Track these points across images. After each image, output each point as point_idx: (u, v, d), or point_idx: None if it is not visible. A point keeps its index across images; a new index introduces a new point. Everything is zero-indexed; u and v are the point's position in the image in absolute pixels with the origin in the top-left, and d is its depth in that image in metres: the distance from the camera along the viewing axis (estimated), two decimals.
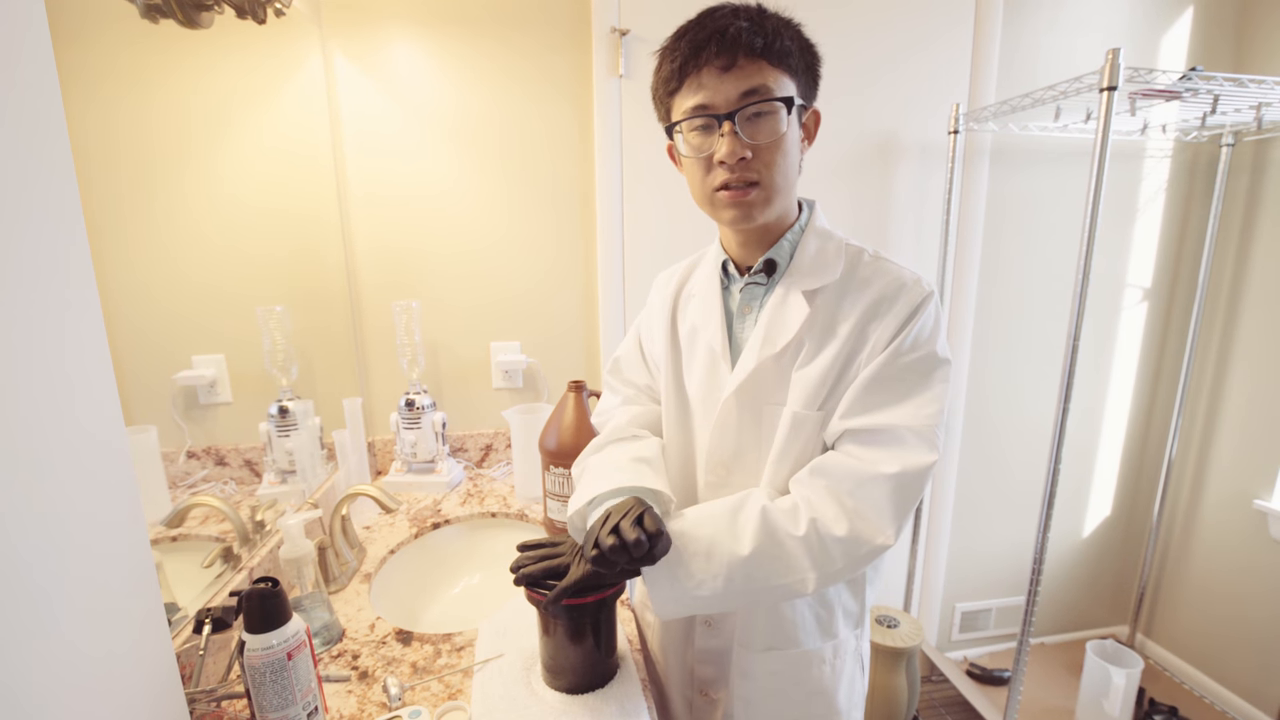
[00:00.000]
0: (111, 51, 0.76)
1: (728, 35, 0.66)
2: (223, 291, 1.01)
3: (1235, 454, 1.90)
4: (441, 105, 1.45)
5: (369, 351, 1.54)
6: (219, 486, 0.95)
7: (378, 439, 1.55)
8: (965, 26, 1.64)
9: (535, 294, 1.58)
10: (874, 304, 0.72)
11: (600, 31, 1.45)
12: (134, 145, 0.80)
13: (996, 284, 1.83)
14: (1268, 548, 1.81)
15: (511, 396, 1.62)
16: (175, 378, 0.87)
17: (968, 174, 1.73)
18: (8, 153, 0.43)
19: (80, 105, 0.70)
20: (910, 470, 0.68)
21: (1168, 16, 1.74)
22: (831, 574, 0.68)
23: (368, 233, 1.48)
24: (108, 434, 0.52)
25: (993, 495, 2.00)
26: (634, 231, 1.58)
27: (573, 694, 0.75)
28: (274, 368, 1.12)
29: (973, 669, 2.05)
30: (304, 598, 0.86)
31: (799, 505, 0.70)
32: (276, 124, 1.18)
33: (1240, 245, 1.85)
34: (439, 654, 0.86)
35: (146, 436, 0.80)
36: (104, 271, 0.73)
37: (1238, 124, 1.70)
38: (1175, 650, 2.08)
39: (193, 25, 0.87)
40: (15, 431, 0.43)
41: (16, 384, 0.43)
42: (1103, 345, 1.96)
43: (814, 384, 0.73)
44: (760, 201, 0.72)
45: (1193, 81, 1.31)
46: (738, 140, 0.68)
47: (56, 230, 0.48)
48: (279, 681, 0.63)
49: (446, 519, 1.28)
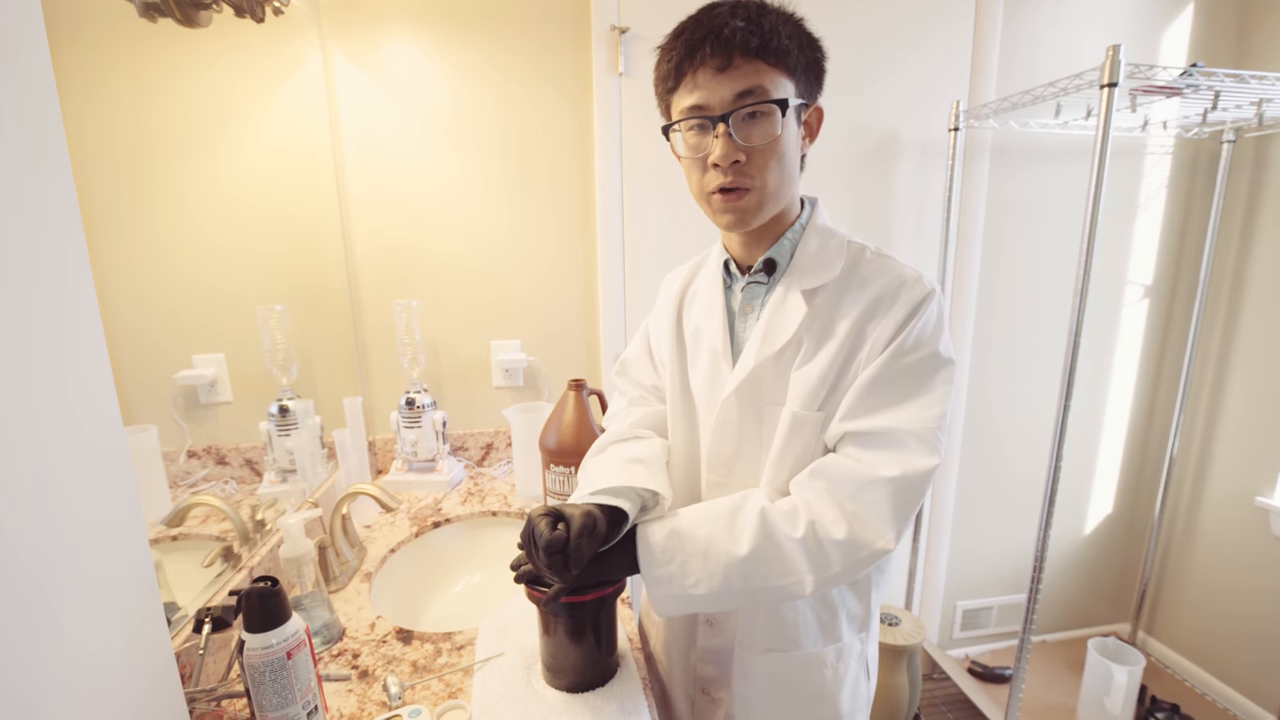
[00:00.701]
0: (110, 51, 0.76)
1: (723, 35, 0.65)
2: (222, 291, 1.01)
3: (1237, 451, 1.90)
4: (441, 104, 1.44)
5: (369, 350, 1.54)
6: (220, 486, 0.95)
7: (378, 438, 1.55)
8: (965, 23, 1.64)
9: (536, 292, 1.58)
10: (873, 302, 0.71)
11: (600, 29, 1.45)
12: (133, 145, 0.80)
13: (997, 281, 1.82)
14: (1269, 544, 1.80)
15: (512, 395, 1.62)
16: (176, 377, 0.87)
17: (968, 171, 1.72)
18: (4, 152, 0.43)
19: (79, 104, 0.70)
20: (911, 474, 0.67)
21: (1168, 13, 1.73)
22: (829, 577, 0.68)
23: (367, 232, 1.48)
24: (106, 433, 0.52)
25: (994, 493, 2.00)
26: (634, 230, 1.58)
27: (573, 693, 0.75)
28: (274, 367, 1.12)
29: (974, 667, 2.05)
30: (304, 597, 0.86)
31: (798, 507, 0.70)
32: (275, 123, 1.18)
33: (1241, 242, 1.85)
34: (439, 653, 0.86)
35: (147, 436, 0.80)
36: (104, 271, 0.73)
37: (1239, 120, 1.70)
38: (1177, 648, 2.08)
39: (191, 24, 0.87)
40: (12, 433, 0.43)
41: (14, 385, 0.43)
42: (1104, 342, 1.95)
43: (813, 384, 0.72)
44: (754, 206, 0.71)
45: (1193, 78, 1.30)
46: (731, 143, 0.68)
47: (54, 230, 0.47)
48: (278, 681, 0.63)
49: (447, 518, 1.28)
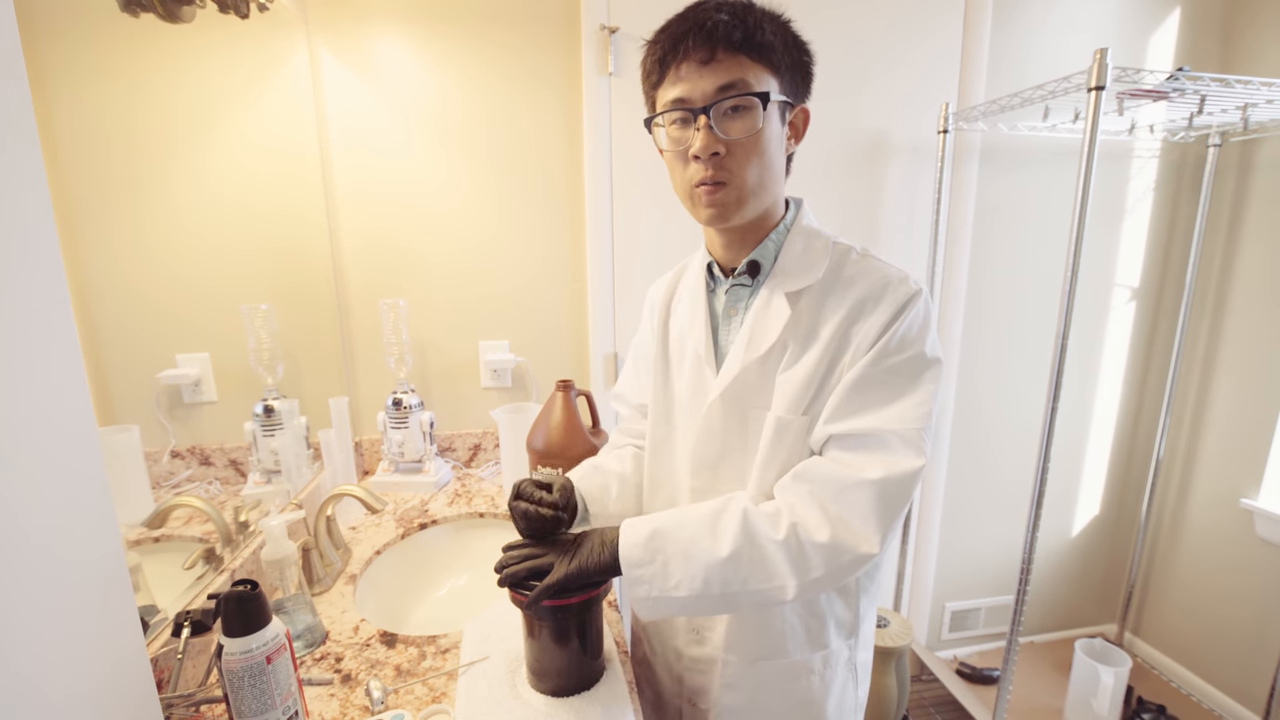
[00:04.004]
0: (92, 47, 0.75)
1: (706, 28, 0.65)
2: (207, 289, 0.99)
3: (1222, 453, 1.91)
4: (429, 102, 1.43)
5: (356, 350, 1.53)
6: (203, 486, 0.94)
7: (365, 438, 1.54)
8: (955, 26, 1.64)
9: (524, 292, 1.57)
10: (858, 304, 0.71)
11: (589, 29, 1.45)
12: (117, 142, 0.79)
13: (985, 283, 1.83)
14: (1254, 546, 1.82)
15: (500, 396, 1.61)
16: (159, 376, 0.86)
17: (957, 173, 1.73)
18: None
19: (62, 101, 0.69)
20: (895, 476, 0.66)
21: (1155, 17, 1.75)
22: (811, 582, 0.67)
23: (354, 230, 1.47)
24: (77, 427, 0.51)
25: (982, 494, 2.00)
26: (624, 229, 1.57)
27: (558, 697, 0.74)
28: (260, 366, 1.11)
29: (962, 668, 2.06)
30: (286, 600, 0.85)
31: (781, 510, 0.69)
32: (262, 120, 1.17)
33: (1227, 245, 1.86)
34: (424, 656, 0.85)
35: (129, 436, 0.78)
36: (88, 269, 0.72)
37: (1224, 124, 1.71)
38: (1163, 649, 2.10)
39: (173, 19, 0.86)
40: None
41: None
42: (1091, 344, 1.96)
43: (798, 388, 0.72)
44: (734, 201, 0.71)
45: (1180, 82, 1.31)
46: (712, 135, 0.67)
47: (21, 216, 0.46)
48: (258, 685, 0.62)
49: (434, 519, 1.27)
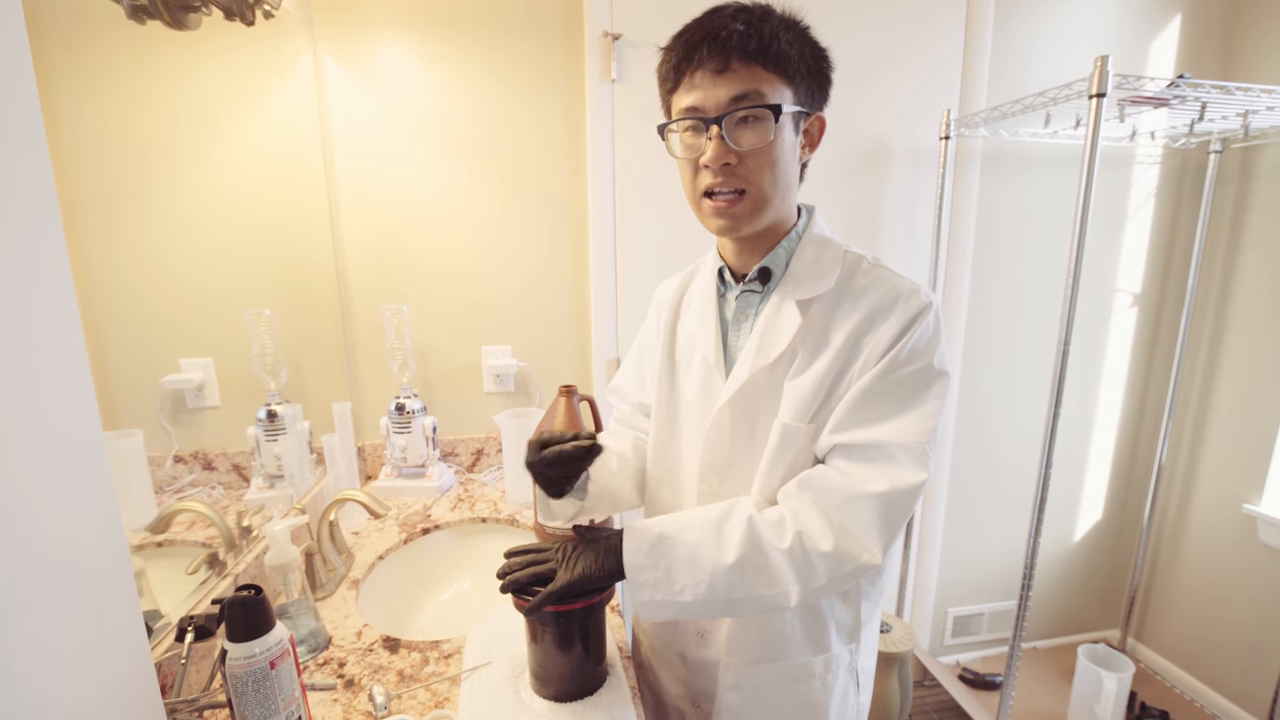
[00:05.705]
0: (99, 54, 0.75)
1: (720, 37, 0.65)
2: (211, 294, 1.00)
3: (1224, 458, 1.91)
4: (432, 109, 1.44)
5: (359, 355, 1.53)
6: (206, 491, 0.94)
7: (368, 443, 1.54)
8: (957, 33, 1.65)
9: (527, 297, 1.57)
10: (869, 315, 0.71)
11: (592, 36, 1.45)
12: (123, 148, 0.79)
13: (988, 289, 1.83)
14: (1256, 551, 1.81)
15: (503, 400, 1.61)
16: (162, 381, 0.86)
17: (959, 179, 1.73)
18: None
19: (68, 107, 0.69)
20: (899, 489, 0.66)
21: (1156, 24, 1.75)
22: (815, 589, 0.67)
23: (357, 235, 1.47)
24: (83, 432, 0.51)
25: (985, 500, 2.00)
26: (626, 235, 1.58)
27: (561, 702, 0.74)
28: (263, 371, 1.11)
29: (965, 673, 2.05)
30: (289, 605, 0.85)
31: (785, 518, 0.69)
32: (266, 126, 1.17)
33: (1228, 251, 1.86)
34: (426, 661, 0.85)
35: (132, 441, 0.79)
36: (93, 274, 0.73)
37: (1225, 131, 1.72)
38: (1166, 654, 2.09)
39: (180, 27, 0.87)
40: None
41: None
42: (1093, 350, 1.96)
43: (806, 396, 0.72)
44: (745, 213, 0.71)
45: (1180, 89, 1.32)
46: (723, 145, 0.68)
47: (30, 219, 0.47)
48: (261, 691, 0.62)
49: (436, 524, 1.27)
